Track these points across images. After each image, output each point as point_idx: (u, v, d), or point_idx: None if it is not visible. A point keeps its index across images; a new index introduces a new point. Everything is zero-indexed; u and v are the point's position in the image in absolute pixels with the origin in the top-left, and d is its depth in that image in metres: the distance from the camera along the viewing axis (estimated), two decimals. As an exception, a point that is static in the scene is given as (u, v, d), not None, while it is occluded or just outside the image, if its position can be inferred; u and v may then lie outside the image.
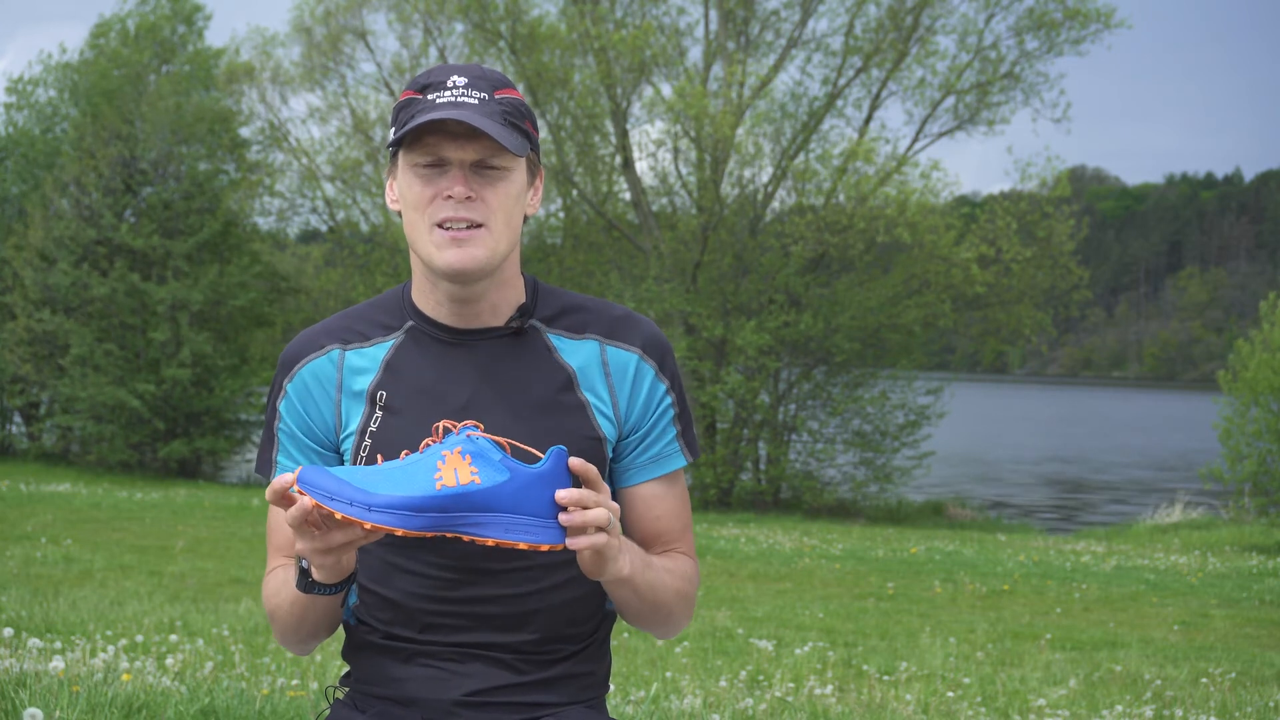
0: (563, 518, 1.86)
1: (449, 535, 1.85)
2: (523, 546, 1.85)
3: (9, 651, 4.54)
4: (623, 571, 1.99)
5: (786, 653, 7.53)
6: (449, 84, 2.07)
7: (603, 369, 2.16)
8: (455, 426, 1.91)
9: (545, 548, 1.86)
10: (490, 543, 1.85)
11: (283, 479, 1.85)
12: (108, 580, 10.20)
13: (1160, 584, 12.86)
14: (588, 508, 1.87)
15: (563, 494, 1.86)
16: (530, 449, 1.96)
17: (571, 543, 1.87)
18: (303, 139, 28.54)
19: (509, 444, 1.95)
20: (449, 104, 2.04)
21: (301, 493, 1.83)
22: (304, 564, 2.00)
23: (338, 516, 1.82)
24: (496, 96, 2.08)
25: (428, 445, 1.91)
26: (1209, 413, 23.50)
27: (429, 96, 2.07)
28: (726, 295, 23.97)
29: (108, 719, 3.74)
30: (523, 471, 1.86)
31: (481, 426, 1.93)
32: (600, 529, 1.89)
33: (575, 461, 1.88)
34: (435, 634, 2.13)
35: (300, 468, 1.85)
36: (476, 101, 2.06)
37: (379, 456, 2.09)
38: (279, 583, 2.14)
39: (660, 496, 2.18)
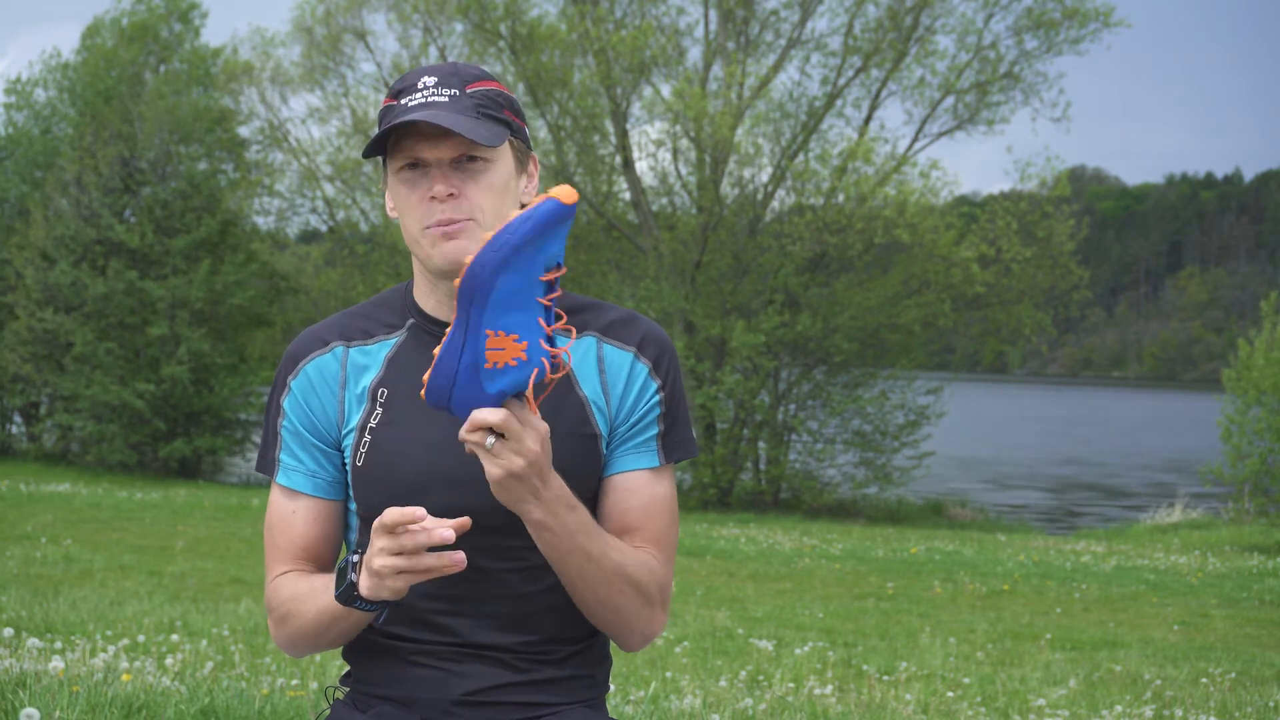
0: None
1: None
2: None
3: (9, 651, 4.54)
4: (534, 514, 1.96)
5: (786, 653, 7.52)
6: (419, 86, 2.09)
7: (598, 366, 2.16)
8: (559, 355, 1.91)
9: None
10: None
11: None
12: (108, 580, 10.19)
13: (1160, 584, 12.85)
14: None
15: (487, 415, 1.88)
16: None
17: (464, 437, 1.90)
18: (302, 139, 28.60)
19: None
20: (419, 106, 2.06)
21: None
22: (352, 577, 1.98)
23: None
24: (468, 91, 2.09)
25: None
26: (1209, 413, 23.51)
27: (402, 101, 2.09)
28: (726, 295, 23.96)
29: (107, 719, 3.74)
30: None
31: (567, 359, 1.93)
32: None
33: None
34: (435, 633, 2.13)
35: None
36: (447, 99, 2.07)
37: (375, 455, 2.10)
38: (301, 590, 2.10)
39: (633, 491, 2.15)
